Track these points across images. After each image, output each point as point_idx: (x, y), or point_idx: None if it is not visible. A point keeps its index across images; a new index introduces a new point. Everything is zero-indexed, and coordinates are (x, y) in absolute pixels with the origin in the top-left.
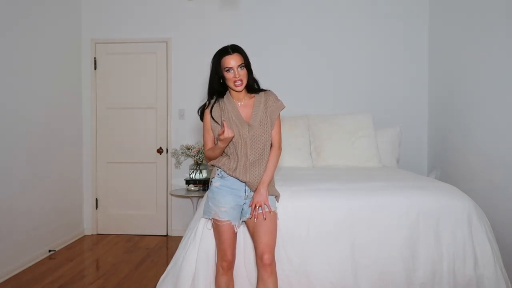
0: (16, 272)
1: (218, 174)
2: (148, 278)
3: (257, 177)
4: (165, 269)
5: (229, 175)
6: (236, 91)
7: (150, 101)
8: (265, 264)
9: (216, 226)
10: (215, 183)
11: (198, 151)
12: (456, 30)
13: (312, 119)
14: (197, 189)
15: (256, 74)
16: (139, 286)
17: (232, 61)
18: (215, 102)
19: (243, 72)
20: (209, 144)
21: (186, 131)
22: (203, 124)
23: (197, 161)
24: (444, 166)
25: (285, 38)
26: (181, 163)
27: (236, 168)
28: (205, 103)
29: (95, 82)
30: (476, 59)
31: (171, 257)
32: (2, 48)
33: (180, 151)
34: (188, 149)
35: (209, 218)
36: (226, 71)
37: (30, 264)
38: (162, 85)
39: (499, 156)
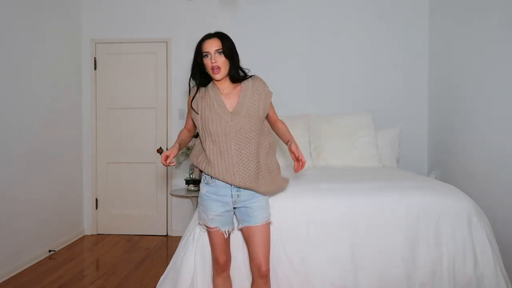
0: (16, 272)
1: (204, 180)
2: (148, 278)
3: (247, 177)
4: (165, 269)
5: (212, 177)
6: (216, 80)
7: (150, 101)
8: (263, 276)
9: (208, 231)
10: (202, 189)
11: None
12: (456, 29)
13: (312, 119)
14: (197, 189)
15: (257, 74)
16: (139, 286)
17: (210, 45)
18: (196, 92)
19: (221, 59)
20: (187, 125)
21: None
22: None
23: None
24: (444, 166)
25: (285, 37)
26: (181, 163)
27: (217, 165)
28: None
29: (95, 82)
30: (476, 59)
31: (171, 257)
32: (1, 48)
33: (180, 151)
34: (188, 149)
35: (201, 224)
36: (204, 56)
37: (30, 264)
38: (162, 85)
39: (499, 156)
